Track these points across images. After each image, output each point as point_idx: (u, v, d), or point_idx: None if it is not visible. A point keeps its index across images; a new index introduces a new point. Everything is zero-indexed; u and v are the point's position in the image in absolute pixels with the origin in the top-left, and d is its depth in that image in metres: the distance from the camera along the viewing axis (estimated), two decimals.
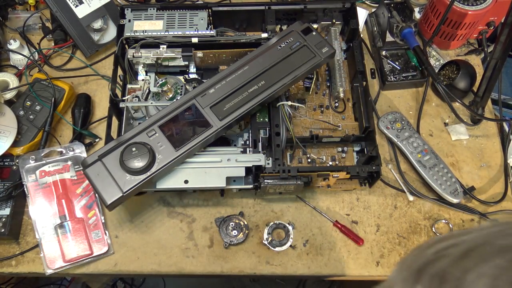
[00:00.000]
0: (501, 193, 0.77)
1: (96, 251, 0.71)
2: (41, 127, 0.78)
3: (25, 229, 0.74)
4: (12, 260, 0.72)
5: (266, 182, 0.67)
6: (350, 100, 0.82)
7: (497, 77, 0.74)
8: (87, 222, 0.72)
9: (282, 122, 0.71)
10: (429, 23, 0.86)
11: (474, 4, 0.80)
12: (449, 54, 0.90)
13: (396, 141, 0.78)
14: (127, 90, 0.75)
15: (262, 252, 0.72)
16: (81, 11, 0.85)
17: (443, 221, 0.75)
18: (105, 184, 0.62)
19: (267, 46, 0.71)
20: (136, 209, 0.75)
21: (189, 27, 0.79)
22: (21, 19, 0.91)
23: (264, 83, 0.68)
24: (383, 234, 0.74)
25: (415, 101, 0.85)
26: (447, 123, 0.83)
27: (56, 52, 0.89)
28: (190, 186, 0.66)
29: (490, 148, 0.81)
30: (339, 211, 0.75)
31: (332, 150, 0.77)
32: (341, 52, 0.81)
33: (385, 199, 0.76)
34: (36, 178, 0.73)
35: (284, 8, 0.81)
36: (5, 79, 0.81)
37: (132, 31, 0.78)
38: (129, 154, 0.62)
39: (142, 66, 0.78)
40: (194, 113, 0.66)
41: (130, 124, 0.75)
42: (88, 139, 0.81)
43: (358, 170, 0.68)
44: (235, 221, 0.72)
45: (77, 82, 0.87)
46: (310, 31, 0.72)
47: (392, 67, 0.86)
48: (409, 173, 0.78)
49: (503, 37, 0.68)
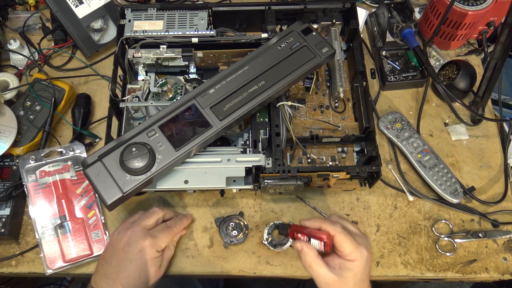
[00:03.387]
0: (501, 193, 0.77)
1: (96, 251, 0.71)
2: (41, 127, 0.78)
3: (25, 229, 0.74)
4: (12, 260, 0.72)
5: (266, 182, 0.67)
6: (350, 100, 0.82)
7: (497, 77, 0.74)
8: (87, 222, 0.72)
9: (282, 122, 0.71)
10: (429, 23, 0.86)
11: (474, 4, 0.80)
12: (449, 54, 0.90)
13: (396, 141, 0.78)
14: (127, 90, 0.76)
15: (262, 252, 0.72)
16: (81, 11, 0.85)
17: (443, 221, 0.75)
18: (105, 184, 0.62)
19: (267, 46, 0.71)
20: (136, 209, 0.75)
21: (189, 27, 0.79)
22: (21, 19, 0.91)
23: (264, 83, 0.68)
24: (383, 234, 0.74)
25: (415, 101, 0.85)
26: (447, 123, 0.83)
27: (56, 52, 0.90)
28: (190, 186, 0.66)
29: (490, 148, 0.81)
30: (339, 211, 0.75)
31: (332, 150, 0.77)
32: (341, 52, 0.81)
33: (385, 199, 0.76)
34: (36, 178, 0.73)
35: (284, 8, 0.81)
36: (5, 79, 0.81)
37: (132, 31, 0.78)
38: (129, 154, 0.62)
39: (142, 66, 0.78)
40: (194, 113, 0.66)
41: (130, 124, 0.75)
42: (88, 139, 0.81)
43: (358, 170, 0.68)
44: (235, 221, 0.72)
45: (77, 82, 0.87)
46: (310, 31, 0.72)
47: (392, 67, 0.86)
48: (409, 173, 0.78)
49: (503, 37, 0.68)
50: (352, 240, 0.58)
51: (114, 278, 0.60)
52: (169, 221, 0.68)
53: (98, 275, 0.62)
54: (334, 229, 0.59)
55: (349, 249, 0.58)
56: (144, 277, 0.62)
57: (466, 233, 0.73)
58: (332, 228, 0.59)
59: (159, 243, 0.63)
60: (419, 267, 0.71)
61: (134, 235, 0.62)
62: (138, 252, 0.61)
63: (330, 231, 0.59)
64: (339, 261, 0.59)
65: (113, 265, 0.61)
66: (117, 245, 0.62)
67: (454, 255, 0.72)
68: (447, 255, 0.72)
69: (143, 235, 0.62)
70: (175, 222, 0.68)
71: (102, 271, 0.62)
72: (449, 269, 0.71)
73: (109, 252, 0.63)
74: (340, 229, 0.59)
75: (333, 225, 0.59)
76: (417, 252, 0.72)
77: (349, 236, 0.58)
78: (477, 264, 0.72)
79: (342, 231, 0.59)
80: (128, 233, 0.63)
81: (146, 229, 0.64)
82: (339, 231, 0.58)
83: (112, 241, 0.64)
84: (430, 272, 0.71)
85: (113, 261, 0.61)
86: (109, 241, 0.65)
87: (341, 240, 0.58)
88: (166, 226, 0.66)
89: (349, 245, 0.58)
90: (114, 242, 0.63)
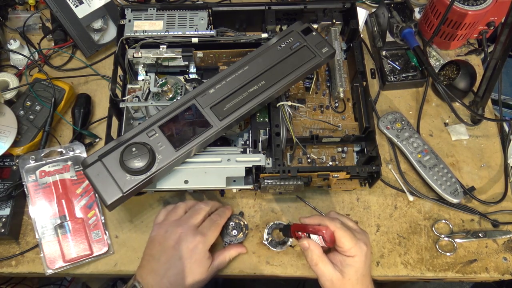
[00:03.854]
0: (501, 193, 0.77)
1: (96, 251, 0.71)
2: (41, 127, 0.78)
3: (25, 229, 0.74)
4: (12, 260, 0.72)
5: (266, 182, 0.67)
6: (350, 100, 0.82)
7: (497, 77, 0.74)
8: (87, 222, 0.72)
9: (282, 122, 0.71)
10: (429, 23, 0.86)
11: (474, 4, 0.80)
12: (449, 54, 0.90)
13: (396, 141, 0.78)
14: (127, 90, 0.76)
15: (262, 252, 0.72)
16: (81, 11, 0.85)
17: (443, 221, 0.75)
18: (105, 184, 0.62)
19: (267, 46, 0.71)
20: (136, 209, 0.75)
21: (189, 27, 0.79)
22: (21, 19, 0.91)
23: (264, 83, 0.68)
24: (383, 234, 0.74)
25: (415, 101, 0.85)
26: (447, 123, 0.83)
27: (56, 52, 0.90)
28: (190, 186, 0.66)
29: (490, 148, 0.81)
30: (339, 211, 0.75)
31: (332, 150, 0.77)
32: (341, 52, 0.81)
33: (385, 199, 0.76)
34: (36, 178, 0.73)
35: (284, 8, 0.81)
36: (5, 79, 0.81)
37: (132, 31, 0.78)
38: (129, 154, 0.62)
39: (142, 66, 0.78)
40: (194, 113, 0.66)
41: (130, 124, 0.75)
42: (88, 139, 0.81)
43: (358, 170, 0.68)
44: (235, 221, 0.72)
45: (77, 82, 0.87)
46: (310, 31, 0.72)
47: (392, 67, 0.86)
48: (409, 173, 0.78)
49: (503, 37, 0.68)
50: (351, 236, 0.58)
51: (162, 275, 0.61)
52: (213, 215, 0.68)
53: (144, 270, 0.62)
54: (333, 225, 0.59)
55: (348, 244, 0.58)
56: (191, 276, 0.62)
57: (466, 233, 0.73)
58: (331, 224, 0.59)
59: (209, 240, 0.64)
60: (419, 267, 0.71)
61: (184, 233, 0.63)
62: (188, 251, 0.62)
63: (329, 226, 0.59)
64: (340, 258, 0.59)
65: (161, 262, 0.61)
66: (167, 242, 0.62)
67: (454, 255, 0.72)
68: (447, 255, 0.72)
69: (193, 234, 0.63)
70: (220, 216, 0.68)
71: (149, 267, 0.62)
72: (449, 269, 0.71)
73: (157, 248, 0.63)
74: (339, 225, 0.59)
75: (332, 221, 0.59)
76: (417, 252, 0.72)
77: (348, 232, 0.58)
78: (477, 264, 0.72)
79: (341, 226, 0.59)
80: (179, 230, 0.63)
81: (196, 226, 0.64)
82: (338, 227, 0.58)
83: (159, 238, 0.64)
84: (430, 272, 0.71)
85: (162, 258, 0.62)
86: (154, 238, 0.64)
87: (340, 236, 0.58)
88: (212, 221, 0.66)
89: (348, 241, 0.58)
90: (162, 240, 0.63)
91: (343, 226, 0.59)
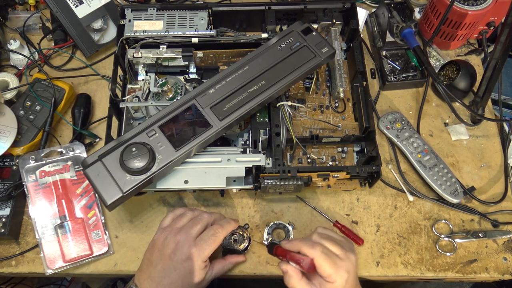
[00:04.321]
0: (501, 193, 0.77)
1: (96, 251, 0.71)
2: (41, 127, 0.78)
3: (25, 229, 0.74)
4: (12, 260, 0.72)
5: (266, 182, 0.67)
6: (350, 100, 0.82)
7: (497, 77, 0.74)
8: (87, 222, 0.72)
9: (282, 122, 0.71)
10: (429, 23, 0.86)
11: (474, 4, 0.80)
12: (449, 54, 0.90)
13: (396, 141, 0.78)
14: (127, 90, 0.75)
15: (262, 252, 0.72)
16: (81, 11, 0.85)
17: (443, 221, 0.75)
18: (105, 184, 0.62)
19: (267, 46, 0.71)
20: (136, 209, 0.75)
21: (189, 27, 0.79)
22: (21, 19, 0.91)
23: (264, 83, 0.68)
24: (383, 234, 0.74)
25: (415, 101, 0.85)
26: (447, 123, 0.83)
27: (56, 52, 0.90)
28: (190, 186, 0.66)
29: (490, 148, 0.81)
30: (339, 211, 0.75)
31: (332, 150, 0.77)
32: (341, 52, 0.81)
33: (385, 199, 0.76)
34: (36, 178, 0.73)
35: (284, 8, 0.81)
36: (5, 79, 0.81)
37: (132, 31, 0.78)
38: (129, 154, 0.62)
39: (142, 66, 0.78)
40: (194, 113, 0.66)
41: (130, 124, 0.75)
42: (88, 139, 0.81)
43: (358, 170, 0.68)
44: (239, 232, 0.70)
45: (77, 82, 0.87)
46: (310, 31, 0.72)
47: (392, 67, 0.86)
48: (409, 173, 0.78)
49: (503, 37, 0.68)
50: (332, 263, 0.58)
51: (157, 282, 0.61)
52: (215, 225, 0.65)
53: (142, 274, 0.62)
54: (313, 253, 0.58)
55: (328, 271, 0.57)
56: (187, 287, 0.61)
57: (466, 233, 0.73)
58: (311, 251, 0.58)
59: (205, 253, 0.62)
60: (419, 267, 0.71)
61: (181, 244, 0.62)
62: (183, 262, 0.61)
63: (308, 254, 0.58)
64: (320, 281, 0.59)
65: (158, 269, 0.61)
66: (164, 250, 0.62)
67: (454, 255, 0.72)
68: (447, 255, 0.72)
69: (189, 245, 0.62)
70: (222, 227, 0.65)
71: (147, 272, 0.62)
72: (449, 269, 0.71)
73: (156, 254, 0.63)
74: (319, 253, 0.58)
75: (312, 248, 0.59)
76: (417, 252, 0.72)
77: (328, 259, 0.58)
78: (477, 264, 0.72)
79: (321, 254, 0.58)
80: (176, 239, 0.62)
81: (193, 237, 0.63)
82: (318, 255, 0.58)
83: (158, 244, 0.63)
84: (430, 272, 0.71)
85: (159, 265, 0.61)
86: (155, 242, 0.64)
87: (320, 264, 0.58)
88: (212, 233, 0.64)
89: (328, 268, 0.57)
90: (161, 246, 0.63)
91: (323, 254, 0.58)
